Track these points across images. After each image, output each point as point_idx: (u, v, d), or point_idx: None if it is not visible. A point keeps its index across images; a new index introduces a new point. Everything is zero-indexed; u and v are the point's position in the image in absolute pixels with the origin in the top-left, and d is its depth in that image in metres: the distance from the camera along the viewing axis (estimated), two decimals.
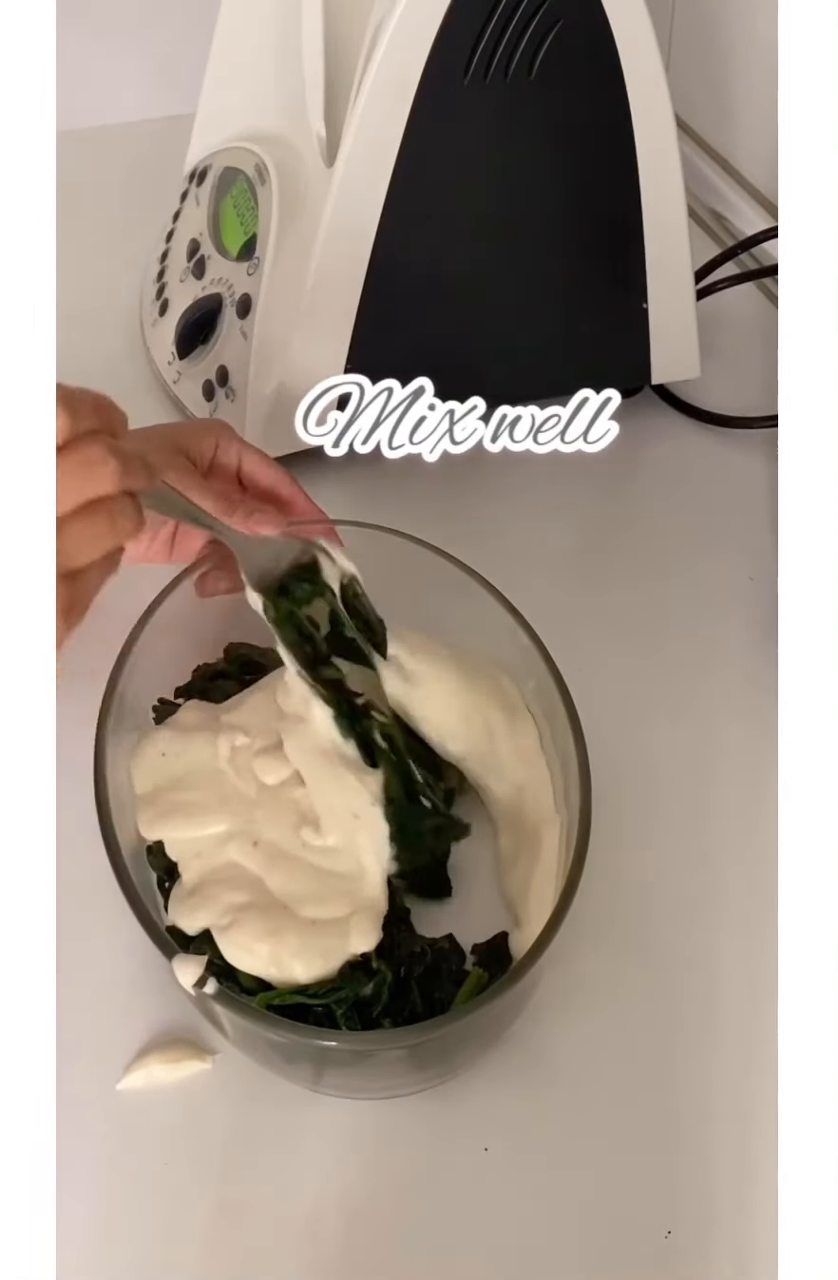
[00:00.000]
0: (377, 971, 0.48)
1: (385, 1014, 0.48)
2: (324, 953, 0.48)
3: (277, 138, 0.77)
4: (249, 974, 0.49)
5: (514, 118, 0.68)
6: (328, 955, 0.48)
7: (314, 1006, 0.48)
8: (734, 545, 0.74)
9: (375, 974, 0.48)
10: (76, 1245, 0.47)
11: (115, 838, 0.49)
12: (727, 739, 0.65)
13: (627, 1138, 0.51)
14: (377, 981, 0.48)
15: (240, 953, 0.48)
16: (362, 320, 0.70)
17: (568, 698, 0.53)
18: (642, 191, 0.72)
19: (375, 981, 0.48)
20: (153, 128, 1.00)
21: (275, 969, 0.48)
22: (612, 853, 0.53)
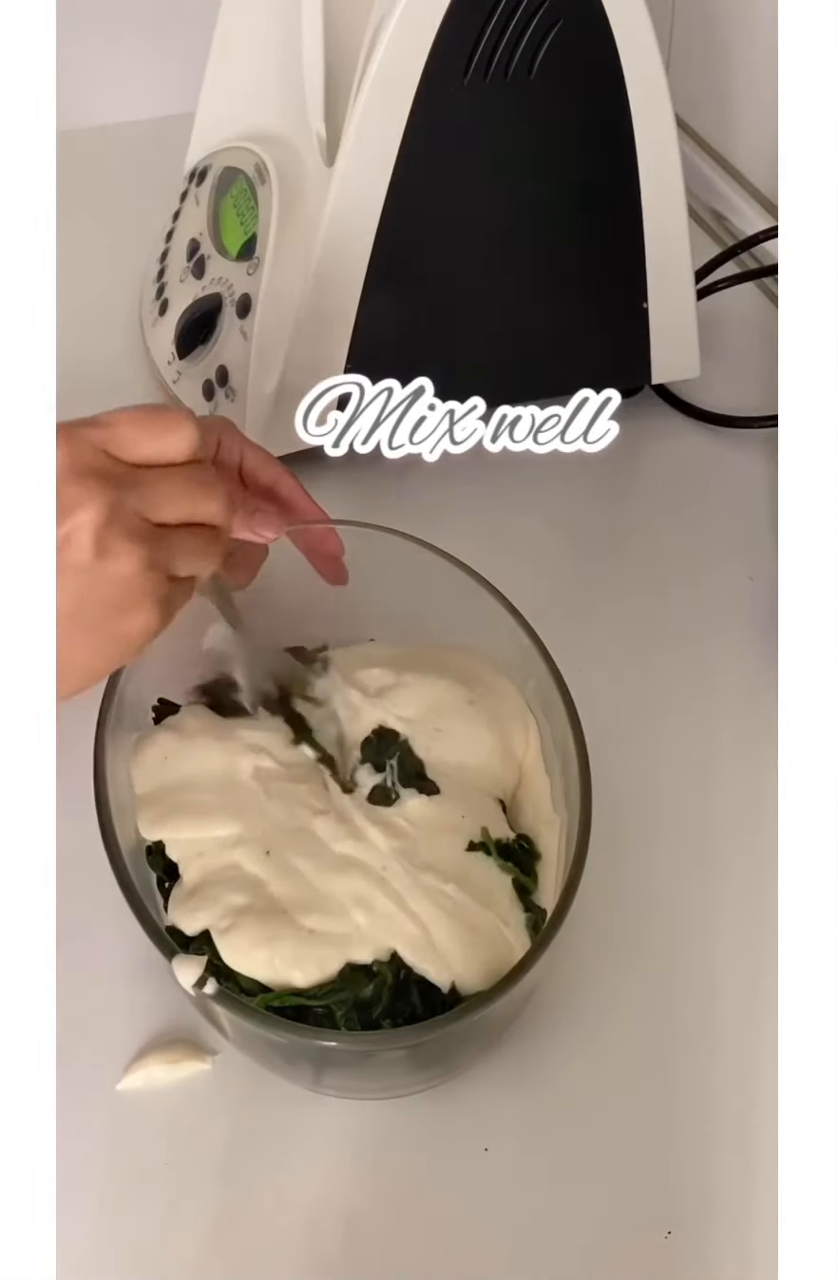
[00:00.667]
0: (377, 973, 0.48)
1: (386, 1015, 0.48)
2: (321, 961, 0.48)
3: (277, 137, 0.77)
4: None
5: (514, 118, 0.68)
6: (325, 963, 0.48)
7: (314, 1007, 0.48)
8: (734, 545, 0.74)
9: (375, 975, 0.48)
10: (76, 1245, 0.47)
11: (115, 837, 0.49)
12: (727, 739, 0.65)
13: (627, 1138, 0.51)
14: (377, 983, 0.48)
15: (238, 956, 0.48)
16: (362, 320, 0.70)
17: (568, 697, 0.53)
18: (642, 191, 0.72)
19: (375, 983, 0.48)
20: (153, 128, 1.00)
21: (273, 973, 0.48)
22: (611, 852, 0.53)
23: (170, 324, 0.79)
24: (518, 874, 0.52)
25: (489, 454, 0.63)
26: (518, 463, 0.66)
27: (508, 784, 0.56)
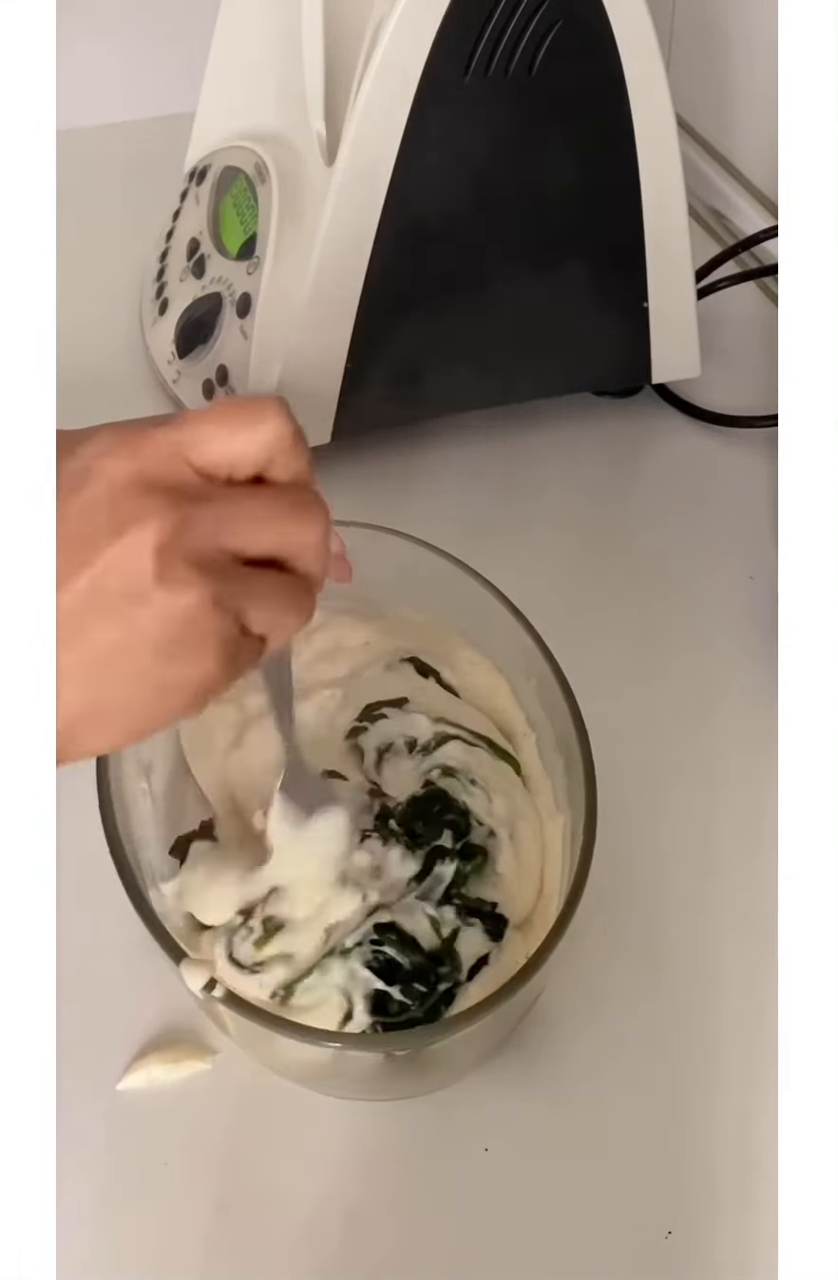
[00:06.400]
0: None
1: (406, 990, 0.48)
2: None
3: (276, 137, 0.77)
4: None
5: (514, 117, 0.68)
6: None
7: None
8: (734, 545, 0.74)
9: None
10: (77, 1245, 0.47)
11: (118, 836, 0.49)
12: (727, 738, 0.65)
13: (627, 1138, 0.51)
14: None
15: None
16: (361, 319, 0.70)
17: (571, 696, 0.53)
18: (642, 191, 0.72)
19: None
20: (153, 127, 1.00)
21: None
22: (613, 852, 0.53)
23: (170, 323, 0.79)
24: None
25: (490, 453, 0.63)
26: (518, 463, 0.67)
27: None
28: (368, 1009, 0.48)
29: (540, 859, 0.54)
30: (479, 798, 0.53)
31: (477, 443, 0.77)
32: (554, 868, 0.53)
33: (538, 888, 0.53)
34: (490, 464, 0.75)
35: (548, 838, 0.54)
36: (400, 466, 0.62)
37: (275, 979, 0.48)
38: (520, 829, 0.54)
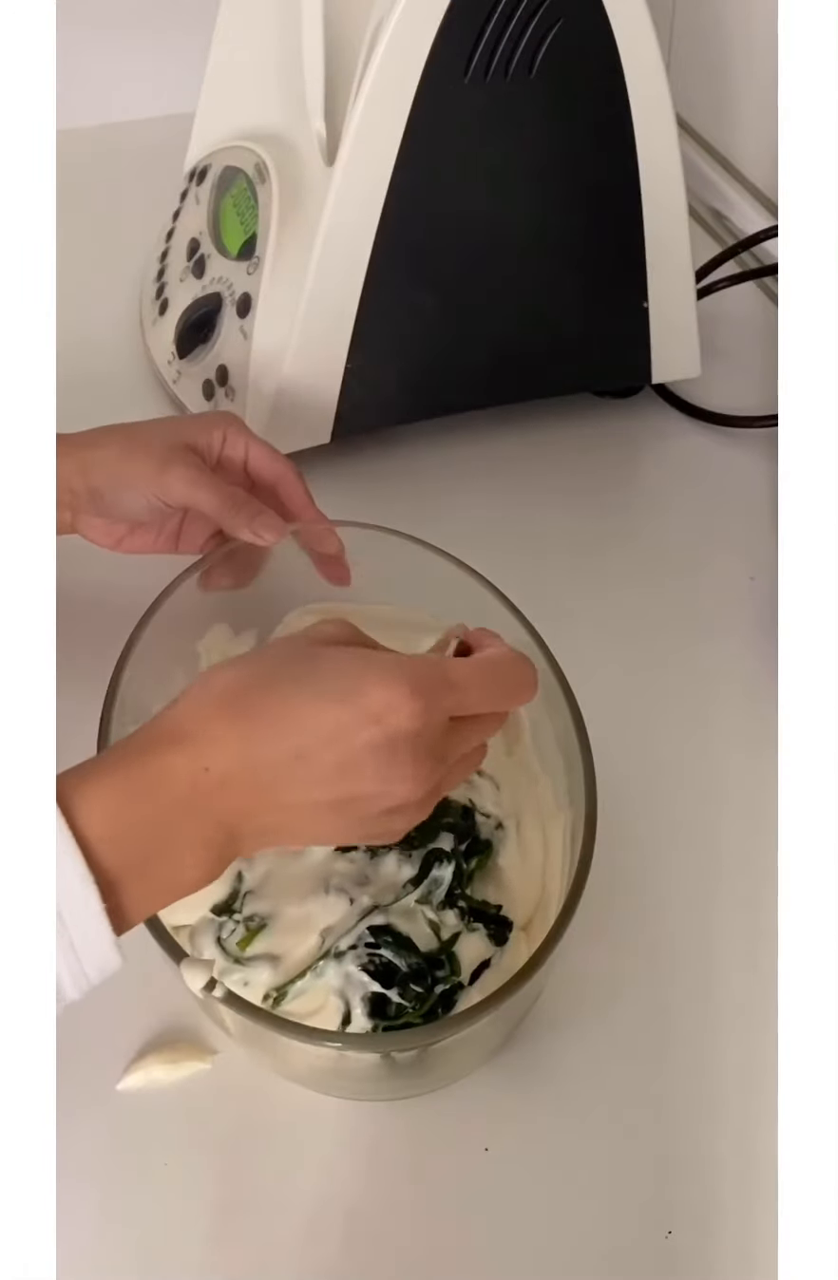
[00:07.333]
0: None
1: (404, 993, 0.49)
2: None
3: (277, 137, 0.77)
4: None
5: (514, 117, 0.68)
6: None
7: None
8: (734, 545, 0.74)
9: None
10: (77, 1245, 0.47)
11: None
12: (727, 738, 0.65)
13: (627, 1138, 0.51)
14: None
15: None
16: (361, 319, 0.70)
17: (571, 695, 0.53)
18: (642, 191, 0.72)
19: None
20: (153, 127, 1.00)
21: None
22: (613, 851, 0.53)
23: (170, 323, 0.79)
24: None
25: (490, 452, 0.63)
26: (519, 462, 0.67)
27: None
28: (366, 1011, 0.48)
29: (544, 856, 0.54)
30: (486, 788, 0.54)
31: (477, 443, 0.77)
32: (555, 867, 0.53)
33: (541, 887, 0.53)
34: (491, 464, 0.75)
35: (550, 836, 0.54)
36: (400, 466, 0.62)
37: (261, 979, 0.49)
38: (527, 822, 0.54)
